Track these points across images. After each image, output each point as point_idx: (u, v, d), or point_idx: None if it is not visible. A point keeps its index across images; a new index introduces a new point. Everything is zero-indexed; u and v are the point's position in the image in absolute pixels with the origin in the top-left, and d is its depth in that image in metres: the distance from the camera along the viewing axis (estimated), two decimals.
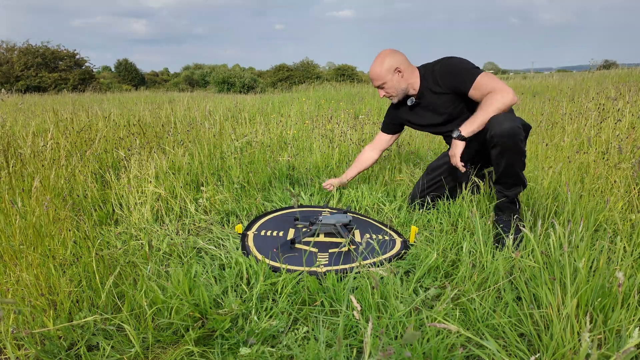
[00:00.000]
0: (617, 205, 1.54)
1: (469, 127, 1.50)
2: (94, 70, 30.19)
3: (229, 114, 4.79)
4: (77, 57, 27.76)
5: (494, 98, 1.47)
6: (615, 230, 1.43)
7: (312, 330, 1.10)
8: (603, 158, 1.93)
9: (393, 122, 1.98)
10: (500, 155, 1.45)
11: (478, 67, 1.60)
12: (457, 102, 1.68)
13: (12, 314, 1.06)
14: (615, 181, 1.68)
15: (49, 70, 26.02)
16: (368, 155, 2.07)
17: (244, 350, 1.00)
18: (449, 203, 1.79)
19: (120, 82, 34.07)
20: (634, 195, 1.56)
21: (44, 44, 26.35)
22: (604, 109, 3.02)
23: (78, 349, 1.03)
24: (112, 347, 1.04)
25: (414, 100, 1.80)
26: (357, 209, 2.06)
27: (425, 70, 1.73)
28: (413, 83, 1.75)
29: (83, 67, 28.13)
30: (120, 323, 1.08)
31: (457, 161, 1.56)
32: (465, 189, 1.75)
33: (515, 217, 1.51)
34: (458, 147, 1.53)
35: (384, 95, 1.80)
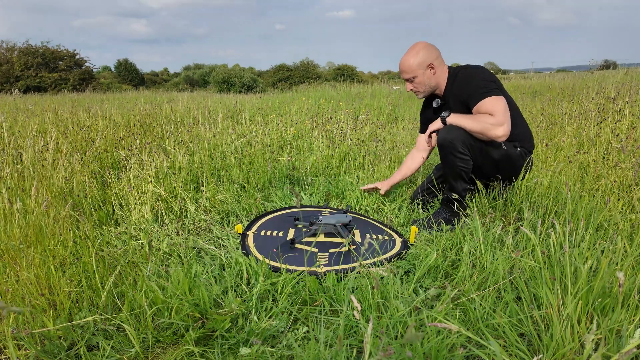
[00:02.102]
0: (617, 205, 1.54)
1: (454, 119, 1.60)
2: (94, 70, 30.22)
3: (229, 114, 4.79)
4: (77, 57, 27.80)
5: (487, 121, 1.50)
6: (616, 230, 1.43)
7: (313, 330, 1.10)
8: (603, 158, 1.93)
9: (426, 122, 1.90)
10: (440, 157, 1.66)
11: (494, 87, 1.53)
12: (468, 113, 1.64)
13: (12, 314, 1.06)
14: (615, 181, 1.68)
15: (49, 70, 26.05)
16: (414, 156, 1.97)
17: (244, 350, 1.00)
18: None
19: (120, 82, 34.10)
20: (634, 195, 1.56)
21: (44, 44, 26.40)
22: (604, 109, 3.02)
23: (78, 349, 1.03)
24: (112, 347, 1.04)
25: (439, 102, 1.76)
26: (357, 209, 2.06)
27: (452, 73, 1.69)
28: (441, 83, 1.71)
29: (83, 67, 28.17)
30: (120, 323, 1.08)
31: (426, 136, 1.74)
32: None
33: (448, 215, 1.73)
34: (437, 125, 1.67)
35: (411, 89, 1.74)
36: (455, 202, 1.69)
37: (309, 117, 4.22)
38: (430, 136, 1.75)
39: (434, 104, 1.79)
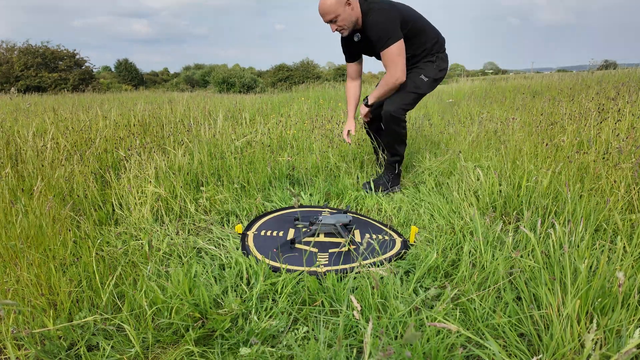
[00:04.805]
0: (617, 205, 1.54)
1: (371, 99, 2.06)
2: (94, 70, 30.19)
3: (229, 114, 4.79)
4: (77, 57, 27.77)
5: (386, 81, 1.92)
6: (616, 230, 1.43)
7: (312, 330, 1.10)
8: (603, 158, 1.93)
9: (352, 51, 2.13)
10: (384, 128, 2.05)
11: (389, 36, 1.80)
12: None
13: (12, 313, 1.06)
14: (615, 181, 1.68)
15: (49, 70, 26.02)
16: (354, 86, 2.24)
17: (244, 350, 1.00)
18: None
19: (120, 82, 34.06)
20: (634, 195, 1.56)
21: (44, 44, 26.36)
22: (603, 109, 3.02)
23: (78, 349, 1.03)
24: (112, 347, 1.04)
25: (359, 36, 1.94)
26: (358, 209, 2.06)
27: (364, 8, 1.84)
28: (360, 16, 1.86)
29: (83, 67, 28.13)
30: (120, 323, 1.08)
31: (362, 117, 2.25)
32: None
33: (391, 176, 2.18)
34: (363, 109, 2.17)
35: (336, 30, 1.88)
36: (395, 165, 2.13)
37: (309, 117, 4.22)
38: (367, 115, 2.19)
39: (355, 38, 1.96)
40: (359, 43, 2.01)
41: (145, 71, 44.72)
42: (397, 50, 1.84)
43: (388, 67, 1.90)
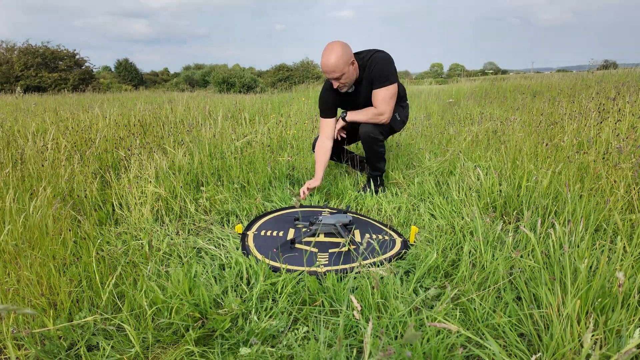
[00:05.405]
0: (617, 205, 1.54)
1: (350, 116, 2.08)
2: (94, 70, 30.18)
3: (229, 114, 4.79)
4: (77, 57, 27.76)
5: (372, 112, 1.98)
6: (616, 230, 1.43)
7: (312, 330, 1.10)
8: (603, 158, 1.93)
9: (331, 106, 2.10)
10: (364, 147, 2.10)
11: (393, 76, 1.91)
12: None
13: (12, 313, 1.06)
14: (615, 181, 1.68)
15: (49, 70, 26.01)
16: (327, 147, 2.08)
17: (244, 350, 1.00)
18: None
19: (120, 82, 34.05)
20: (634, 195, 1.56)
21: (44, 44, 26.35)
22: (604, 109, 3.02)
23: (78, 349, 1.03)
24: (112, 347, 1.04)
25: (353, 87, 1.99)
26: (358, 209, 2.06)
27: (360, 61, 1.92)
28: (359, 72, 1.95)
29: (83, 67, 28.13)
30: (120, 323, 1.08)
31: (336, 132, 2.18)
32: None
33: (377, 188, 2.19)
34: (340, 123, 2.15)
35: (338, 86, 1.93)
36: (377, 178, 2.19)
37: (309, 117, 4.22)
38: (341, 131, 2.19)
39: (350, 90, 1.99)
40: (345, 96, 2.05)
41: (145, 71, 44.73)
42: (392, 92, 1.93)
43: (379, 104, 1.94)
